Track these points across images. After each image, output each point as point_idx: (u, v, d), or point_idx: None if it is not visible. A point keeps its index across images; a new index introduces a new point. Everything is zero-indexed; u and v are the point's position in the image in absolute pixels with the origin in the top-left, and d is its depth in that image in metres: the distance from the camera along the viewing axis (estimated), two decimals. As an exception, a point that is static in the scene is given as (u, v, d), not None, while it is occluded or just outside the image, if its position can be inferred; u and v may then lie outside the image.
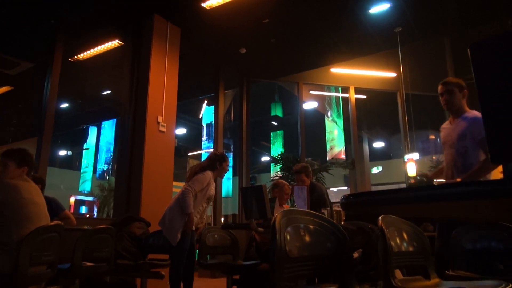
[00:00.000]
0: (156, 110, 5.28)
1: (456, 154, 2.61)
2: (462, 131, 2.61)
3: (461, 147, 2.59)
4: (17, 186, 2.41)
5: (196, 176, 3.41)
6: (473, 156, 2.53)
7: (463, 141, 2.58)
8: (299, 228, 1.36)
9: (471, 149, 2.55)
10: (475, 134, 2.54)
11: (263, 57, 7.09)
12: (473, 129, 2.56)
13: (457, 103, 2.73)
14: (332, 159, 8.33)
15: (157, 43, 5.48)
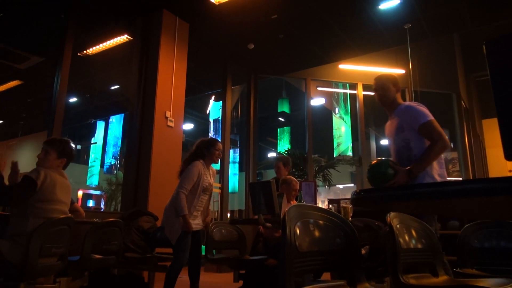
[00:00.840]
0: (164, 105, 5.30)
1: (400, 148, 2.55)
2: (399, 124, 2.56)
3: (402, 140, 2.53)
4: (56, 182, 2.46)
5: (184, 173, 3.30)
6: (417, 147, 2.47)
7: (402, 133, 2.52)
8: (309, 223, 1.37)
9: (413, 140, 2.49)
10: (412, 123, 2.49)
11: (271, 53, 7.08)
12: (408, 119, 2.51)
13: (391, 98, 2.68)
14: (339, 156, 8.32)
15: (165, 38, 5.50)
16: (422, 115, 2.48)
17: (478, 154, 9.29)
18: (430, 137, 2.43)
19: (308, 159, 7.40)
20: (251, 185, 3.02)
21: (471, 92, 9.70)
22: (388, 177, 2.36)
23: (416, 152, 2.46)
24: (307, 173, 7.48)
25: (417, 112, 2.50)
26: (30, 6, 5.56)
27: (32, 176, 2.39)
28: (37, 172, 2.43)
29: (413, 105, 2.59)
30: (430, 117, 2.47)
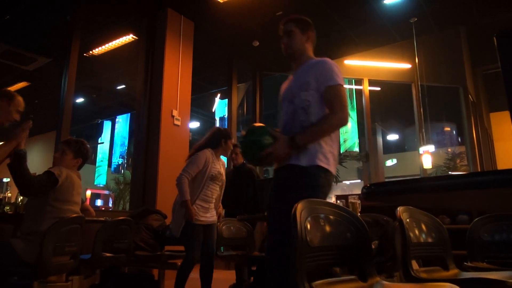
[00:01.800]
0: (170, 103, 5.33)
1: (297, 110, 1.99)
2: (305, 79, 2.02)
3: (303, 101, 1.98)
4: (74, 183, 2.49)
5: (191, 158, 3.15)
6: (316, 114, 1.95)
7: (306, 92, 1.98)
8: (319, 218, 1.38)
9: (315, 104, 1.97)
10: (321, 81, 1.97)
11: (276, 50, 7.03)
12: (318, 76, 1.99)
13: (297, 49, 2.18)
14: (346, 152, 8.30)
15: (171, 37, 5.52)
16: (334, 75, 1.98)
17: (486, 147, 9.23)
18: (331, 105, 1.94)
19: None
20: (259, 182, 3.02)
21: (478, 85, 9.62)
22: (263, 146, 1.89)
23: (314, 119, 1.95)
24: (314, 169, 7.47)
25: (330, 69, 2.00)
26: (36, 8, 5.61)
27: (54, 172, 2.41)
28: (59, 170, 2.45)
29: (327, 61, 2.07)
30: (341, 81, 1.99)
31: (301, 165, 1.89)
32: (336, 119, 1.93)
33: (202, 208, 3.11)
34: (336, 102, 1.93)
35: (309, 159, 1.90)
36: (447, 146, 12.05)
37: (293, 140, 1.89)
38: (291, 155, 1.91)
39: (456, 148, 11.57)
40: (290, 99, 2.06)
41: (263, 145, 1.91)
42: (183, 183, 3.03)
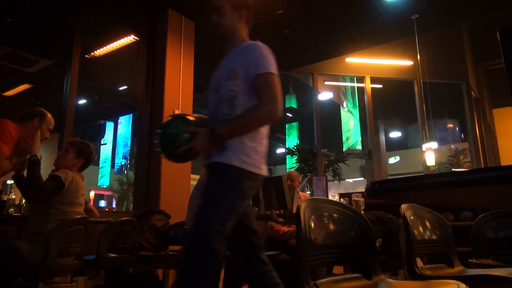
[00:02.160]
0: (172, 103, 5.33)
1: (222, 102, 1.76)
2: (233, 66, 1.77)
3: (228, 92, 1.74)
4: (78, 185, 2.50)
5: None
6: (241, 107, 1.70)
7: (232, 82, 1.73)
8: (323, 216, 1.38)
9: (241, 95, 1.72)
10: (249, 69, 1.71)
11: (277, 49, 6.98)
12: (248, 62, 1.74)
13: (228, 28, 1.92)
14: (348, 149, 8.29)
15: (172, 37, 5.52)
16: (264, 61, 1.74)
17: (489, 144, 9.20)
18: (259, 96, 1.68)
19: (317, 154, 7.39)
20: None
21: (481, 81, 9.59)
22: (181, 141, 1.68)
23: (239, 112, 1.71)
24: (317, 168, 7.47)
25: (260, 55, 1.75)
26: (37, 10, 5.62)
27: (61, 176, 2.43)
28: (65, 173, 2.47)
29: (259, 45, 1.81)
30: (272, 69, 1.73)
31: (221, 162, 1.67)
32: (263, 111, 1.66)
33: None
34: (265, 92, 1.67)
35: (228, 158, 1.66)
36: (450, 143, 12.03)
37: (213, 132, 1.65)
38: (213, 151, 1.69)
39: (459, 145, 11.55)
40: (216, 89, 1.84)
41: (181, 141, 1.68)
42: None
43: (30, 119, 2.59)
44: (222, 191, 1.65)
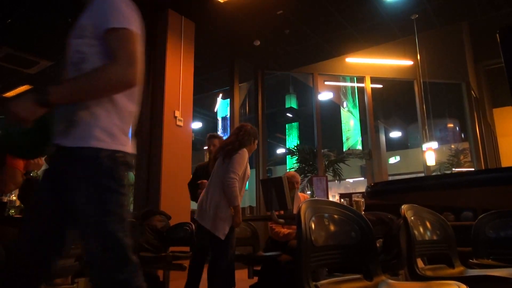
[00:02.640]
0: (173, 104, 5.33)
1: (68, 67, 1.42)
2: (82, 21, 1.42)
3: (74, 53, 1.40)
4: None
5: (235, 157, 2.91)
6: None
7: (80, 40, 1.39)
8: (324, 217, 1.38)
9: (92, 57, 1.38)
10: (99, 23, 1.36)
11: (277, 49, 7.07)
12: (99, 15, 1.38)
13: None
14: (349, 149, 8.29)
15: (172, 38, 5.52)
16: (119, 14, 1.37)
17: (489, 143, 9.19)
18: (113, 55, 1.32)
19: (317, 154, 7.39)
20: (263, 182, 3.01)
21: (481, 81, 9.59)
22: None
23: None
24: (317, 168, 7.47)
25: (114, 7, 1.39)
26: (37, 11, 5.62)
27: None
28: None
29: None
30: (128, 25, 1.37)
31: (68, 146, 1.32)
32: (115, 72, 1.30)
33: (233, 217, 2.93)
34: (118, 50, 1.32)
35: (79, 138, 1.31)
36: (450, 142, 12.03)
37: (41, 94, 1.28)
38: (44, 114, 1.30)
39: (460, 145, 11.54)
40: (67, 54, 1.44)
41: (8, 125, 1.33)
42: (235, 188, 2.82)
43: None
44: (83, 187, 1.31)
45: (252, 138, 3.07)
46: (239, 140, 3.00)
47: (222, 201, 2.86)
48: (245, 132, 3.05)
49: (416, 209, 1.78)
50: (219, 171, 2.94)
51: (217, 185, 2.91)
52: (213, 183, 2.95)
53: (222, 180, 2.87)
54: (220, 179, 2.90)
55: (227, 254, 2.83)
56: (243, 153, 2.93)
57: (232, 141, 3.03)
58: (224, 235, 2.80)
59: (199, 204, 3.03)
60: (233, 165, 2.85)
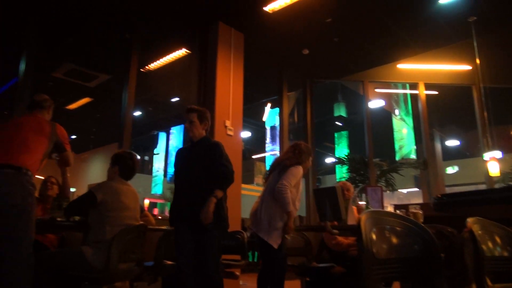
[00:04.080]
0: (223, 114, 5.44)
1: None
2: None
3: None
4: (118, 190, 2.64)
5: (289, 170, 3.06)
6: None
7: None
8: (385, 229, 1.33)
9: None
10: None
11: (326, 57, 7.01)
12: None
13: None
14: (402, 159, 7.98)
15: (222, 49, 5.65)
16: None
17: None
18: None
19: (369, 164, 7.19)
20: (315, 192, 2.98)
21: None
22: None
23: None
24: (369, 177, 7.26)
25: None
26: (98, 29, 5.99)
27: (92, 189, 2.63)
28: (98, 186, 2.67)
29: None
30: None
31: None
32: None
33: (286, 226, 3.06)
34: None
35: None
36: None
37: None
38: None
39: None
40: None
41: None
42: (287, 194, 2.95)
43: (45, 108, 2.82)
44: None
45: (307, 156, 3.25)
46: (295, 157, 3.20)
47: (276, 212, 3.01)
48: (300, 151, 3.25)
49: (483, 222, 1.68)
50: (275, 184, 3.08)
51: (271, 196, 3.07)
52: (268, 194, 3.11)
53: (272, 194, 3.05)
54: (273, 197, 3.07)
55: (279, 263, 2.95)
56: (298, 168, 3.13)
57: (289, 157, 3.24)
58: (277, 244, 2.94)
59: (253, 214, 3.18)
60: (286, 175, 3.05)
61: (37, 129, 2.57)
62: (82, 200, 2.65)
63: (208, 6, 5.48)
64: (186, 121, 2.93)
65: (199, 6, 5.48)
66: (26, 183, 2.34)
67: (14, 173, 2.33)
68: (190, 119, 2.92)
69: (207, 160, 2.83)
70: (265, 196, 3.16)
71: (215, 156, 2.84)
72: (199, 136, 2.95)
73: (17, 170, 2.33)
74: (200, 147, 2.92)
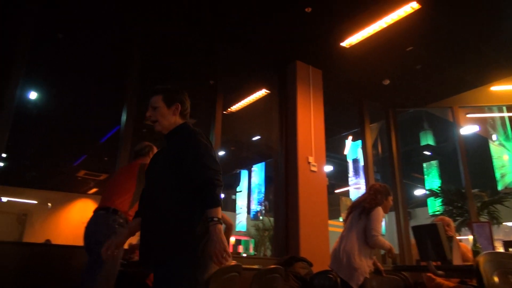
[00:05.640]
0: (306, 150, 5.46)
1: None
2: None
3: None
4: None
5: (370, 216, 3.21)
6: None
7: None
8: (508, 273, 1.21)
9: None
10: None
11: (408, 86, 6.76)
12: None
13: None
14: (506, 188, 7.20)
15: (301, 87, 5.77)
16: None
17: None
18: None
19: (467, 195, 6.59)
20: (415, 229, 2.83)
21: None
22: None
23: None
24: (468, 211, 6.63)
25: None
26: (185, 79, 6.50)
27: None
28: None
29: None
30: None
31: None
32: None
33: (368, 267, 3.16)
34: None
35: None
36: None
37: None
38: None
39: None
40: None
41: None
42: (380, 240, 3.13)
43: (144, 155, 3.01)
44: None
45: (384, 196, 3.34)
46: (373, 199, 3.29)
47: (355, 251, 3.08)
48: (375, 191, 3.35)
49: None
50: (355, 224, 3.24)
51: (352, 236, 3.18)
52: (347, 234, 3.25)
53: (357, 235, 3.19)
54: (355, 231, 3.20)
55: None
56: (378, 211, 3.21)
57: (366, 199, 3.35)
58: (358, 285, 2.97)
59: (333, 252, 3.32)
60: (371, 223, 3.15)
61: (128, 172, 2.90)
62: None
63: (286, 48, 5.68)
64: (148, 110, 2.11)
65: (278, 48, 5.71)
66: (112, 222, 2.65)
67: (103, 214, 2.69)
68: (152, 105, 2.09)
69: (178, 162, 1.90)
70: (344, 236, 3.27)
71: (188, 153, 1.89)
72: (170, 127, 2.07)
73: (106, 211, 2.65)
74: (172, 144, 2.02)
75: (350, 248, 3.13)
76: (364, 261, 3.07)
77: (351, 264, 3.05)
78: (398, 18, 4.93)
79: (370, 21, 5.04)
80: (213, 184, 1.84)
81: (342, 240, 3.26)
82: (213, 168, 1.89)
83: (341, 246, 3.22)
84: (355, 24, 5.11)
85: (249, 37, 5.47)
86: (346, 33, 5.26)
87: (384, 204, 3.30)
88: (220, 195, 1.87)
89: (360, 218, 3.25)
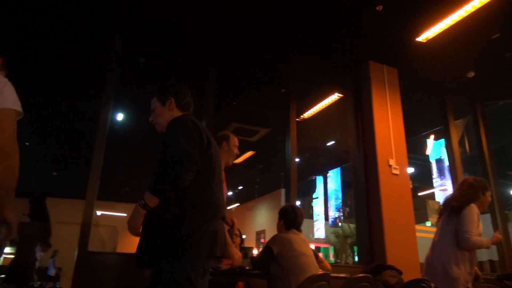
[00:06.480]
0: (386, 153, 5.25)
1: None
2: None
3: None
4: (290, 240, 2.80)
5: (462, 215, 2.82)
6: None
7: None
8: None
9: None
10: None
11: (496, 76, 6.20)
12: None
13: None
14: None
15: (376, 88, 5.58)
16: None
17: None
18: None
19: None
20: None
21: None
22: None
23: None
24: None
25: None
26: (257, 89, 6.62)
27: (268, 244, 2.85)
28: (272, 239, 2.88)
29: None
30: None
31: None
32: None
33: (470, 275, 2.82)
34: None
35: None
36: None
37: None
38: None
39: None
40: None
41: None
42: (474, 243, 2.76)
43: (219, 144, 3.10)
44: None
45: (480, 191, 2.94)
46: (464, 195, 2.91)
47: (450, 259, 2.76)
48: (468, 186, 2.96)
49: None
50: (446, 228, 2.89)
51: (445, 242, 2.85)
52: (440, 239, 2.92)
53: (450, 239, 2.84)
54: (448, 235, 2.85)
55: None
56: (471, 208, 2.82)
57: (456, 196, 2.97)
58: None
59: (426, 261, 2.99)
60: (462, 224, 2.78)
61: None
62: (263, 256, 2.88)
63: (357, 49, 5.55)
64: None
65: (349, 50, 5.60)
66: None
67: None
68: (151, 109, 2.10)
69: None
70: (437, 241, 2.94)
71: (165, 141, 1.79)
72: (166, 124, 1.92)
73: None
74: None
75: (444, 255, 2.82)
76: (463, 268, 2.74)
77: (448, 273, 2.75)
78: (479, 5, 4.56)
79: (447, 12, 4.73)
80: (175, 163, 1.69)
81: (435, 246, 2.95)
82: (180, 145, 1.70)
83: (434, 253, 2.92)
84: (431, 17, 4.83)
85: (321, 42, 5.43)
86: (422, 27, 5.00)
87: (480, 201, 2.91)
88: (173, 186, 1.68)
89: (450, 219, 2.89)
